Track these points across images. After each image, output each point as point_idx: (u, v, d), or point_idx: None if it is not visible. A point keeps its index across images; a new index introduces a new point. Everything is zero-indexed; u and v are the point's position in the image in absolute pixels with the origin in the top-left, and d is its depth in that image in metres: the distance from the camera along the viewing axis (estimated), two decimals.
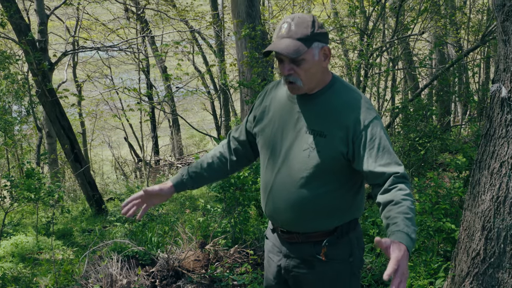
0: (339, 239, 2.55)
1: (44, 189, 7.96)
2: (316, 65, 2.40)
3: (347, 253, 2.57)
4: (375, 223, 5.68)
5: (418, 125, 8.11)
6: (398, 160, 2.36)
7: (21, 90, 14.29)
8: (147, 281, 4.60)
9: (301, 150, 2.46)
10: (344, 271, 2.58)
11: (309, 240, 2.57)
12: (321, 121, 2.44)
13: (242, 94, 10.78)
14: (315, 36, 2.37)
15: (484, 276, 3.59)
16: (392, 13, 11.32)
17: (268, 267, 2.84)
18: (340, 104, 2.43)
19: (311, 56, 2.38)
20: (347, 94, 2.46)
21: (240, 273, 4.96)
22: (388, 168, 2.32)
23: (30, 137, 19.18)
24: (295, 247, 2.64)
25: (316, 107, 2.48)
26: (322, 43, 2.40)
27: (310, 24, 2.37)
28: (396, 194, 2.28)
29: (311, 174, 2.45)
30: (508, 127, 3.40)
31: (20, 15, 10.42)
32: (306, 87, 2.44)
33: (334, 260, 2.56)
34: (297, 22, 2.37)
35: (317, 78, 2.45)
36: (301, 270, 2.63)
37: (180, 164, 19.47)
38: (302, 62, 2.37)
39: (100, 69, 22.24)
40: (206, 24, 16.00)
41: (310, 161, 2.43)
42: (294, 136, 2.50)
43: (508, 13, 3.39)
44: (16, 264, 7.32)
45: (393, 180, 2.30)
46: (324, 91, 2.48)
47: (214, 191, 5.69)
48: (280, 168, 2.55)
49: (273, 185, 2.59)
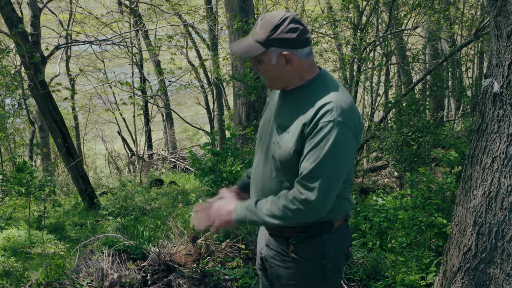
0: (310, 239, 2.52)
1: (35, 183, 7.93)
2: (274, 68, 2.40)
3: (319, 254, 2.53)
4: (367, 218, 5.67)
5: (411, 120, 8.11)
6: (321, 184, 2.27)
7: (13, 84, 14.22)
8: (138, 275, 4.58)
9: (271, 143, 2.49)
10: (315, 272, 2.56)
11: (282, 235, 2.58)
12: (289, 117, 2.44)
13: (235, 88, 10.76)
14: (272, 41, 2.35)
15: (475, 271, 3.59)
16: (385, 8, 11.33)
17: (257, 253, 2.89)
18: (308, 103, 2.39)
19: (267, 59, 2.38)
20: (320, 93, 2.39)
21: (231, 268, 4.94)
22: (304, 180, 2.30)
23: (23, 130, 19.13)
24: (273, 238, 2.66)
25: (290, 103, 2.48)
26: (281, 49, 2.36)
27: (272, 28, 2.34)
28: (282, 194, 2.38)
29: (277, 168, 2.46)
30: (500, 122, 3.40)
31: (12, 7, 10.35)
32: (272, 85, 2.50)
33: (305, 260, 2.55)
34: (263, 23, 2.37)
35: (283, 79, 2.45)
36: (275, 262, 2.64)
37: (174, 158, 19.45)
38: (260, 63, 2.42)
39: (93, 63, 22.19)
40: (200, 18, 15.94)
41: (276, 155, 2.44)
42: (271, 129, 2.53)
43: (501, 8, 3.37)
44: (8, 258, 7.30)
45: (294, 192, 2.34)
46: (301, 89, 2.47)
47: (206, 185, 5.66)
48: (259, 160, 2.61)
49: (254, 176, 2.65)
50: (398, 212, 5.52)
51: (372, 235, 5.46)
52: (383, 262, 4.86)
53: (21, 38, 10.30)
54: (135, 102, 13.53)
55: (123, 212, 8.28)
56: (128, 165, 22.35)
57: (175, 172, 17.60)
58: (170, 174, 17.39)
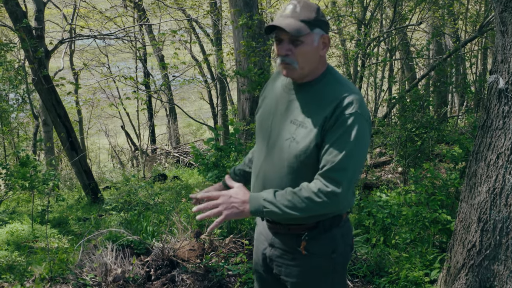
0: (321, 234, 2.50)
1: (38, 177, 7.93)
2: (313, 50, 2.38)
3: (330, 249, 2.52)
4: (371, 214, 5.67)
5: (415, 115, 8.09)
6: (347, 177, 2.29)
7: (17, 78, 14.23)
8: (141, 270, 4.59)
9: (284, 140, 2.44)
10: (326, 267, 2.54)
11: (291, 232, 2.54)
12: (304, 112, 2.41)
13: (239, 84, 10.75)
14: (318, 22, 2.36)
15: (479, 268, 3.59)
16: (390, 3, 11.29)
17: (256, 252, 2.83)
18: (325, 97, 2.39)
19: (310, 40, 2.35)
20: (335, 88, 2.40)
21: (235, 263, 4.95)
22: (329, 173, 2.28)
23: (27, 125, 19.16)
24: (279, 237, 2.61)
25: (303, 98, 2.46)
26: (323, 31, 2.39)
27: (315, 10, 2.36)
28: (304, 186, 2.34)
29: (291, 164, 2.42)
30: (505, 118, 3.39)
31: (16, 1, 10.36)
32: (300, 72, 2.41)
33: (316, 255, 2.52)
34: (303, 5, 2.36)
35: (312, 65, 2.42)
36: (284, 261, 2.60)
37: (177, 153, 19.46)
38: (300, 44, 2.35)
39: (97, 57, 22.18)
40: (204, 13, 15.93)
41: (290, 152, 2.41)
42: (281, 125, 2.49)
43: (506, 3, 3.36)
44: (11, 252, 7.30)
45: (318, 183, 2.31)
46: (314, 83, 2.45)
47: (210, 180, 5.66)
48: (266, 156, 2.55)
49: (259, 173, 2.59)
50: (402, 208, 5.51)
51: (375, 231, 5.46)
52: (386, 258, 4.85)
53: (25, 32, 10.30)
54: (138, 96, 13.53)
55: (127, 207, 8.30)
56: (132, 160, 22.36)
57: (179, 167, 17.61)
58: (173, 168, 17.41)
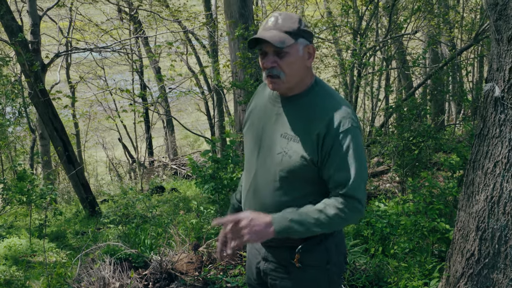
0: (315, 246, 2.48)
1: (36, 191, 7.92)
2: (299, 61, 2.37)
3: (324, 260, 2.51)
4: (369, 224, 5.66)
5: (412, 124, 8.10)
6: (363, 191, 2.34)
7: (13, 92, 14.22)
8: (140, 284, 4.57)
9: (276, 154, 2.43)
10: (322, 278, 2.52)
11: (285, 245, 2.51)
12: (295, 126, 2.41)
13: (235, 95, 10.76)
14: (301, 32, 2.36)
15: (478, 277, 3.58)
16: (385, 12, 11.32)
17: (249, 266, 2.80)
18: (316, 110, 2.38)
19: (295, 51, 2.35)
20: (325, 100, 2.41)
21: (233, 275, 4.93)
22: (348, 192, 2.31)
23: (23, 138, 19.14)
24: (272, 250, 2.59)
25: (292, 111, 2.45)
26: (307, 41, 2.39)
27: (297, 20, 2.37)
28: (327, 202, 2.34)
29: (284, 178, 2.41)
30: (501, 126, 3.38)
31: (11, 15, 10.37)
32: (287, 84, 2.40)
33: (310, 267, 2.50)
34: (284, 17, 2.36)
35: (299, 76, 2.41)
36: (278, 274, 2.58)
37: (175, 165, 19.44)
38: (286, 55, 2.34)
39: (93, 70, 22.19)
40: (199, 25, 15.96)
41: (282, 166, 2.39)
42: (271, 139, 2.47)
43: (501, 12, 3.37)
44: (9, 267, 7.28)
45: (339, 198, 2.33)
46: (303, 95, 2.45)
47: (207, 193, 5.65)
48: (257, 170, 2.53)
49: (250, 187, 2.56)
50: (400, 217, 5.50)
51: (374, 241, 5.44)
52: (385, 268, 4.83)
53: (21, 46, 10.31)
54: (135, 109, 13.53)
55: (125, 220, 8.27)
56: (129, 172, 22.33)
57: (176, 179, 17.59)
58: (171, 181, 17.38)
